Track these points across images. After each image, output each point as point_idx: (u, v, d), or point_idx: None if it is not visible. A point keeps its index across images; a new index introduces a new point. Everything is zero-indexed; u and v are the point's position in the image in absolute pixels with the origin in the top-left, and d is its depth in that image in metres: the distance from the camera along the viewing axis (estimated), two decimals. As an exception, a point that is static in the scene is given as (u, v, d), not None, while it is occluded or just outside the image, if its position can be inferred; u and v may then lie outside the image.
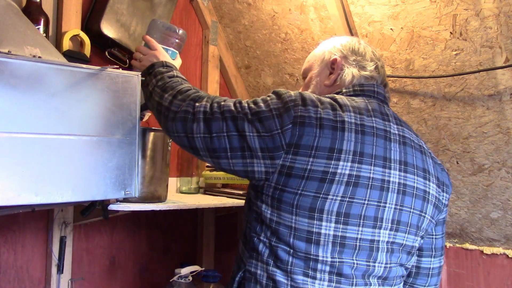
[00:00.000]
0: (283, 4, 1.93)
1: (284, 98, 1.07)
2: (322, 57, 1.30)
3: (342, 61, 1.25)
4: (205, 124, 1.08)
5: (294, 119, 1.02)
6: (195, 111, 1.11)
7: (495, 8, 1.39)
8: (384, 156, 1.05)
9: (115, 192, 1.31)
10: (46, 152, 1.18)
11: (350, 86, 1.21)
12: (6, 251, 1.61)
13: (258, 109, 1.06)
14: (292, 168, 1.01)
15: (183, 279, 1.77)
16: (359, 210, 1.02)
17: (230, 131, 1.06)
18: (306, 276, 1.01)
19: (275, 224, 1.04)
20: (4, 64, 1.11)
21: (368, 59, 1.25)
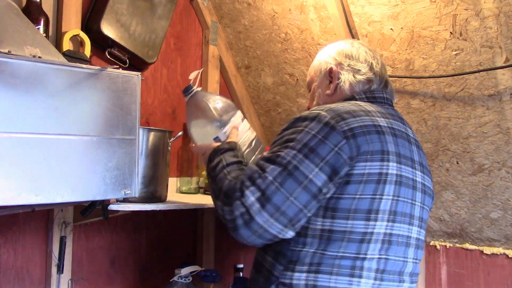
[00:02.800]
0: (283, 4, 1.93)
1: (321, 119, 1.06)
2: (320, 68, 1.32)
3: (337, 68, 1.27)
4: (266, 208, 1.01)
5: (343, 133, 1.04)
6: (247, 205, 1.02)
7: (495, 8, 1.39)
8: (410, 157, 1.13)
9: (115, 192, 1.31)
10: (45, 152, 1.18)
11: (362, 93, 1.24)
12: (6, 251, 1.61)
13: (302, 140, 1.04)
14: (350, 175, 1.03)
15: (183, 279, 1.77)
16: (402, 208, 1.09)
17: (293, 192, 1.02)
18: (352, 276, 1.03)
19: (327, 233, 1.04)
20: (4, 64, 1.11)
21: (362, 60, 1.27)
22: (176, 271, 1.78)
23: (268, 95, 2.27)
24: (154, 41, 1.89)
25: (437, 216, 1.91)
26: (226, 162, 1.18)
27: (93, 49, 1.72)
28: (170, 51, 2.08)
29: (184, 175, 2.03)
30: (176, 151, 2.04)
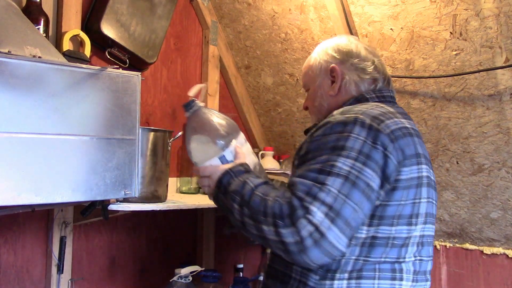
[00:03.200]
0: (283, 4, 1.93)
1: (363, 123, 1.01)
2: (319, 67, 1.27)
3: (340, 67, 1.23)
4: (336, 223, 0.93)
5: (388, 136, 1.01)
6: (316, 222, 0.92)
7: (495, 8, 1.39)
8: (425, 155, 1.12)
9: (115, 192, 1.31)
10: (46, 152, 1.18)
11: (371, 93, 1.20)
12: (6, 251, 1.61)
13: (354, 147, 0.98)
14: (397, 181, 1.01)
15: (183, 279, 1.77)
16: (430, 209, 1.10)
17: (360, 203, 0.96)
18: (393, 280, 1.03)
19: (370, 239, 1.02)
20: (4, 64, 1.11)
21: (364, 58, 1.23)
22: (176, 271, 1.78)
23: (268, 95, 2.27)
24: (154, 41, 1.89)
25: (437, 216, 1.91)
26: (254, 184, 1.05)
27: (93, 49, 1.72)
28: (170, 51, 2.08)
29: (184, 175, 2.03)
30: (176, 151, 2.04)
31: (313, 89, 1.29)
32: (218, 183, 1.10)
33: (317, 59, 1.29)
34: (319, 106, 1.27)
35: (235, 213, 1.04)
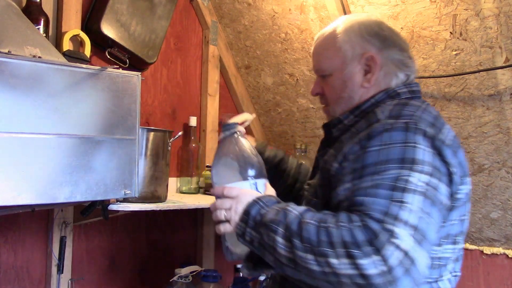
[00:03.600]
0: (283, 4, 1.93)
1: (425, 132, 0.90)
2: (351, 52, 1.09)
3: (379, 56, 1.07)
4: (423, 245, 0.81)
5: (450, 149, 0.92)
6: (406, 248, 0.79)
7: (495, 8, 1.39)
8: None
9: (115, 192, 1.31)
10: (46, 152, 1.18)
11: (403, 87, 1.07)
12: (6, 251, 1.61)
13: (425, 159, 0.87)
14: (456, 200, 0.94)
15: (183, 279, 1.77)
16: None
17: (439, 221, 0.88)
18: None
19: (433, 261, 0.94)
20: (4, 64, 1.11)
21: (403, 47, 1.10)
22: (176, 271, 1.78)
23: (268, 95, 2.26)
24: (154, 41, 1.89)
25: (437, 216, 1.91)
26: (298, 211, 0.90)
27: (93, 49, 1.72)
28: (170, 51, 2.08)
29: (184, 175, 2.02)
30: (176, 151, 2.04)
31: (339, 77, 1.10)
32: (245, 213, 0.94)
33: (347, 41, 1.09)
34: (347, 98, 1.10)
35: (279, 249, 0.87)
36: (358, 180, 0.89)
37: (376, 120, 0.96)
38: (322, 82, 1.15)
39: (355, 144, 0.95)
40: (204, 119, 2.17)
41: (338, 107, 1.12)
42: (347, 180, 0.92)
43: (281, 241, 0.87)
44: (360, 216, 0.83)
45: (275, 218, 0.90)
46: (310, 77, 2.02)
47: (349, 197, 0.89)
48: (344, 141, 1.01)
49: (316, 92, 1.17)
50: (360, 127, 1.00)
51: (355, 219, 0.83)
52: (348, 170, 0.93)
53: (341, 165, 0.96)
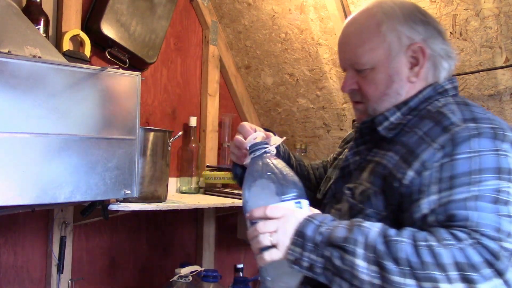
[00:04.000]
0: (283, 4, 1.93)
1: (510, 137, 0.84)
2: (394, 42, 0.97)
3: (426, 47, 0.97)
4: None
5: None
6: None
7: (495, 8, 1.39)
8: None
9: (115, 192, 1.31)
10: (46, 152, 1.18)
11: (448, 83, 1.00)
12: (6, 251, 1.61)
13: None
14: None
15: (183, 279, 1.77)
16: None
17: None
18: None
19: None
20: (4, 64, 1.11)
21: (444, 34, 1.01)
22: (176, 271, 1.78)
23: (268, 95, 2.26)
24: (154, 41, 1.89)
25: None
26: (378, 227, 0.79)
27: (93, 49, 1.72)
28: (170, 51, 2.08)
29: (184, 175, 2.03)
30: (176, 151, 2.04)
31: (383, 71, 0.98)
32: (298, 234, 0.81)
33: (392, 30, 0.97)
34: (393, 94, 0.99)
35: (360, 274, 0.75)
36: (449, 191, 0.80)
37: (449, 122, 0.86)
38: (357, 76, 1.01)
39: (435, 151, 0.84)
40: (204, 119, 2.17)
41: (381, 105, 1.00)
42: (433, 192, 0.81)
43: (364, 265, 0.75)
44: (467, 233, 0.73)
45: (348, 236, 0.78)
46: (310, 77, 2.02)
47: (438, 210, 0.80)
48: (408, 143, 0.90)
49: (352, 88, 1.03)
50: (422, 128, 0.90)
51: (462, 236, 0.73)
52: (432, 180, 0.83)
53: (419, 174, 0.84)
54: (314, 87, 2.03)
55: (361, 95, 1.02)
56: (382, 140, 0.99)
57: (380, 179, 0.91)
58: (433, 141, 0.85)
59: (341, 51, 1.04)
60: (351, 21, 1.04)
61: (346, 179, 1.02)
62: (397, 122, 0.97)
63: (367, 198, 0.92)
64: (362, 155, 1.02)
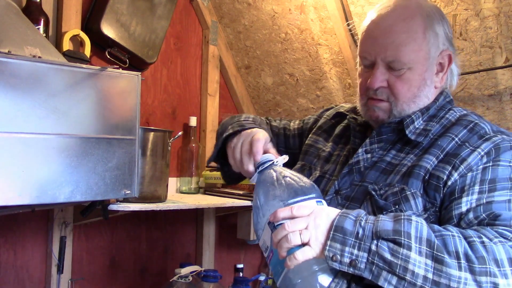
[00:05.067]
0: (283, 4, 1.93)
1: None
2: (433, 46, 0.98)
3: (453, 54, 1.02)
4: None
5: None
6: None
7: (495, 8, 1.39)
8: None
9: (115, 192, 1.31)
10: (46, 152, 1.18)
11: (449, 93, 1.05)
12: (6, 251, 1.61)
13: None
14: None
15: (183, 279, 1.77)
16: None
17: None
18: None
19: None
20: (4, 64, 1.11)
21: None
22: (176, 271, 1.78)
23: (268, 95, 2.27)
24: (154, 41, 1.89)
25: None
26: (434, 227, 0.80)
27: (93, 49, 1.72)
28: (170, 51, 2.08)
29: (184, 175, 2.03)
30: (176, 151, 2.04)
31: (419, 73, 0.98)
32: (336, 230, 0.79)
33: (434, 35, 0.98)
34: (422, 98, 1.00)
35: (415, 268, 0.74)
36: (490, 192, 0.85)
37: (484, 132, 0.94)
38: (388, 73, 0.99)
39: (480, 156, 0.90)
40: (204, 119, 2.17)
41: (410, 106, 1.00)
42: (475, 191, 0.87)
43: (418, 258, 0.74)
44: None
45: (398, 229, 0.77)
46: (310, 77, 2.02)
47: (479, 209, 0.84)
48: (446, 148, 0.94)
49: (382, 85, 0.99)
50: (457, 134, 0.95)
51: (509, 235, 0.78)
52: (475, 180, 0.88)
53: (463, 176, 0.89)
54: (314, 87, 2.03)
55: (390, 94, 0.99)
56: (402, 142, 1.00)
57: (420, 181, 0.92)
58: (476, 147, 0.91)
59: (379, 45, 0.98)
60: (392, 16, 0.99)
61: (354, 177, 1.00)
62: (422, 128, 0.99)
63: (406, 200, 0.91)
64: (375, 154, 1.01)
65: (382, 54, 0.97)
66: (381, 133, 1.02)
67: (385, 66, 0.98)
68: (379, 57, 0.98)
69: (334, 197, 1.00)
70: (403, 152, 0.99)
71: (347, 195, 0.98)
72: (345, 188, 1.00)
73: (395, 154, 0.99)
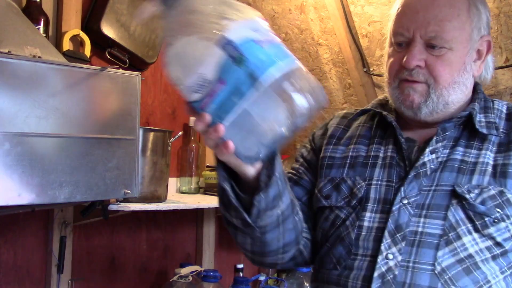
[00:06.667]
0: (283, 4, 1.93)
1: None
2: (476, 28, 0.91)
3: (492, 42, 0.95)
4: None
5: None
6: None
7: (495, 8, 1.39)
8: None
9: (115, 192, 1.31)
10: (46, 152, 1.18)
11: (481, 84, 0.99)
12: (6, 251, 1.61)
13: None
14: None
15: (183, 279, 1.77)
16: None
17: None
18: None
19: None
20: (4, 64, 1.11)
21: None
22: (176, 271, 1.78)
23: (268, 95, 2.27)
24: (154, 41, 1.89)
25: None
26: None
27: (93, 49, 1.72)
28: (170, 51, 2.08)
29: (184, 175, 2.02)
30: (176, 151, 2.04)
31: (460, 54, 0.90)
32: None
33: (478, 13, 0.91)
34: (462, 84, 0.92)
35: None
36: None
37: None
38: (425, 53, 0.89)
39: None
40: (204, 119, 2.16)
41: (450, 92, 0.91)
42: None
43: None
44: None
45: None
46: (310, 77, 2.02)
47: None
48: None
49: (419, 64, 0.89)
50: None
51: None
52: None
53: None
54: (314, 87, 2.03)
55: (429, 75, 0.90)
56: (465, 137, 0.93)
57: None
58: None
59: (419, 19, 0.89)
60: None
61: (421, 181, 0.90)
62: (485, 120, 0.92)
63: (509, 204, 0.85)
64: (440, 153, 0.91)
65: (423, 29, 0.88)
66: (445, 129, 0.92)
67: (424, 44, 0.89)
68: (419, 33, 0.88)
69: (402, 206, 0.88)
70: (472, 148, 0.91)
71: (418, 203, 0.88)
72: (413, 195, 0.88)
73: (464, 151, 0.90)
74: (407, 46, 0.90)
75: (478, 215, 0.85)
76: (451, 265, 0.83)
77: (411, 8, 0.90)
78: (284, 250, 0.90)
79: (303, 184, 1.04)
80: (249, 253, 0.92)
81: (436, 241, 0.84)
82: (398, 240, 0.85)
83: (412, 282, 0.82)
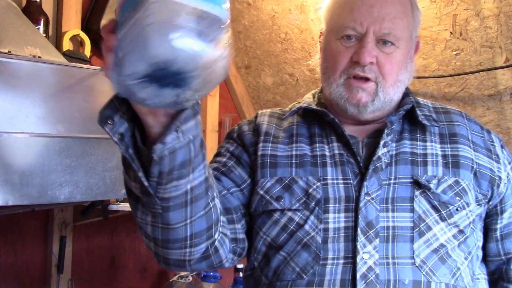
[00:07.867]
0: (283, 4, 1.93)
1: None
2: (414, 28, 0.92)
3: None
4: None
5: None
6: None
7: (495, 8, 1.39)
8: None
9: (115, 192, 1.31)
10: (46, 152, 1.18)
11: None
12: (6, 251, 1.61)
13: None
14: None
15: (183, 279, 1.77)
16: None
17: None
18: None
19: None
20: (4, 64, 1.11)
21: None
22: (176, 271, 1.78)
23: (268, 95, 2.27)
24: (154, 41, 1.90)
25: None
26: None
27: (93, 49, 1.72)
28: (170, 51, 2.08)
29: (184, 175, 2.02)
30: (176, 151, 2.04)
31: (403, 52, 0.90)
32: None
33: (416, 13, 0.93)
34: (402, 82, 0.92)
35: None
36: None
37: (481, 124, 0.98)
38: (377, 50, 0.88)
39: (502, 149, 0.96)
40: (204, 119, 2.17)
41: (393, 91, 0.90)
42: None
43: None
44: None
45: None
46: (310, 77, 2.02)
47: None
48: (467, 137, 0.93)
49: (372, 60, 0.87)
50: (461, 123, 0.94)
51: None
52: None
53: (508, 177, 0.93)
54: (314, 87, 2.03)
55: (379, 73, 0.88)
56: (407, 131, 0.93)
57: (470, 172, 0.89)
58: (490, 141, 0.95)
59: (374, 14, 0.87)
60: None
61: (379, 176, 0.88)
62: (422, 114, 0.92)
63: (465, 193, 0.87)
64: (389, 147, 0.90)
65: (378, 25, 0.86)
66: (392, 123, 0.91)
67: (375, 40, 0.87)
68: (372, 28, 0.86)
69: (368, 202, 0.85)
70: (417, 140, 0.91)
71: (382, 198, 0.86)
72: (375, 190, 0.86)
73: (411, 144, 0.91)
74: (357, 41, 0.88)
75: (443, 204, 0.85)
76: (429, 255, 0.83)
77: (364, 2, 0.88)
78: (192, 243, 0.77)
79: (232, 178, 0.94)
80: (151, 243, 0.79)
81: (409, 234, 0.83)
82: (372, 238, 0.83)
83: (396, 279, 0.80)
